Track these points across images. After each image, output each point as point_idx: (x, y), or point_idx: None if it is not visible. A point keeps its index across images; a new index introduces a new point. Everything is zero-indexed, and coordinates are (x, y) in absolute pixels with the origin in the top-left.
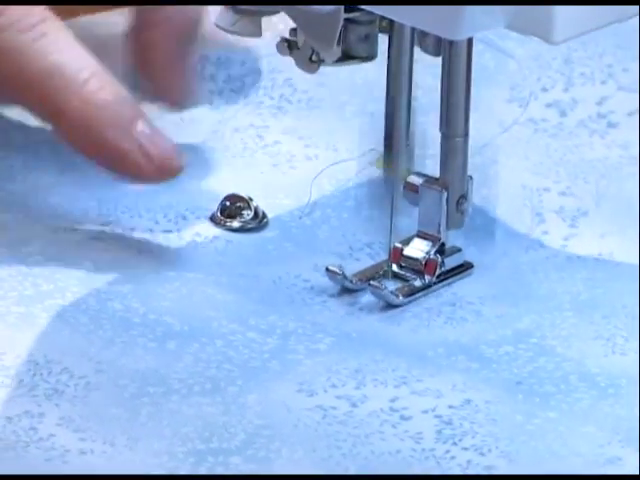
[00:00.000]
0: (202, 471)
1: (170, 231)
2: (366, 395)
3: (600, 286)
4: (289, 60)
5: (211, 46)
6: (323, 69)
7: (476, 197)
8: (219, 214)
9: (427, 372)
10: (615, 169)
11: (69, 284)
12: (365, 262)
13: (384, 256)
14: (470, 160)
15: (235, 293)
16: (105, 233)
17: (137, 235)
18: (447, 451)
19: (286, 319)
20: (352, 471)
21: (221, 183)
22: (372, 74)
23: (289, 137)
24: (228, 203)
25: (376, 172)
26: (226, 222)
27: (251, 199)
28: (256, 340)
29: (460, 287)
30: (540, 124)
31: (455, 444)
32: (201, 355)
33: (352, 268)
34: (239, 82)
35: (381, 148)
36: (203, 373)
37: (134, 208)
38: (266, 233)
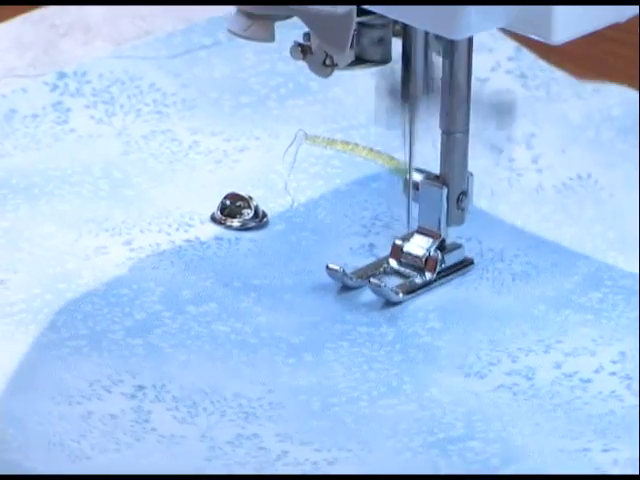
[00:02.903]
0: (455, 458)
1: (190, 240)
2: (529, 366)
3: (618, 222)
4: (145, 65)
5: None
6: (175, 70)
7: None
8: (219, 213)
9: (555, 332)
10: (526, 106)
11: (155, 309)
12: (387, 235)
13: (395, 227)
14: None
15: (308, 293)
16: (134, 251)
17: (166, 247)
18: None
19: (374, 305)
20: (589, 434)
21: (187, 185)
22: (225, 70)
23: (202, 136)
24: (228, 202)
25: (315, 150)
26: (227, 221)
27: (251, 198)
28: (373, 333)
29: (488, 241)
30: None
31: None
32: (343, 360)
33: (379, 242)
34: (106, 94)
35: (303, 127)
36: (366, 377)
37: (136, 223)
38: (275, 227)
